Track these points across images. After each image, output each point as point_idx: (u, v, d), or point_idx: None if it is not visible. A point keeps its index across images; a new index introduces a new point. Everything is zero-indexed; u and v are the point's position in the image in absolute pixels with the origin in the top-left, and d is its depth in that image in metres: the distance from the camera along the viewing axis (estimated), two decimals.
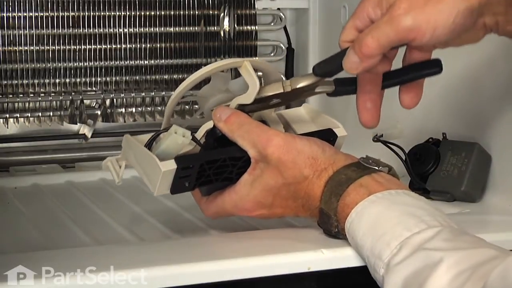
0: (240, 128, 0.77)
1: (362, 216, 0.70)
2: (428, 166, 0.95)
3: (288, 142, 0.76)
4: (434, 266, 0.61)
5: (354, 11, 0.77)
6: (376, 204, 0.71)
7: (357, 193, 0.72)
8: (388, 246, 0.66)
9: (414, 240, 0.65)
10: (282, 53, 1.33)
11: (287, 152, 0.76)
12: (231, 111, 0.79)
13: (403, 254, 0.65)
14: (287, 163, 0.75)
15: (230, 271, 0.69)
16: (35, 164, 1.19)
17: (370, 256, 0.68)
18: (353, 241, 0.71)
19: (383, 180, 0.74)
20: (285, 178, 0.76)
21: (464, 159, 0.93)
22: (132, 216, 0.93)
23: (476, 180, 0.93)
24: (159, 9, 1.23)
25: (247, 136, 0.77)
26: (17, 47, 1.18)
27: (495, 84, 0.94)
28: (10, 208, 0.96)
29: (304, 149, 0.76)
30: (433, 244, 0.64)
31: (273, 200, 0.77)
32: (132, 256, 0.73)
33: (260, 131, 0.77)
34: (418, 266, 0.63)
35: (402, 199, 0.71)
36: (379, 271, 0.66)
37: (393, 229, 0.67)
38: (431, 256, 0.63)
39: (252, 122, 0.78)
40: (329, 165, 0.75)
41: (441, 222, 0.68)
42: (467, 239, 0.66)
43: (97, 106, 1.24)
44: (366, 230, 0.69)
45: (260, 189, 0.77)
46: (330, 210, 0.73)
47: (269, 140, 0.76)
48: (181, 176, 0.77)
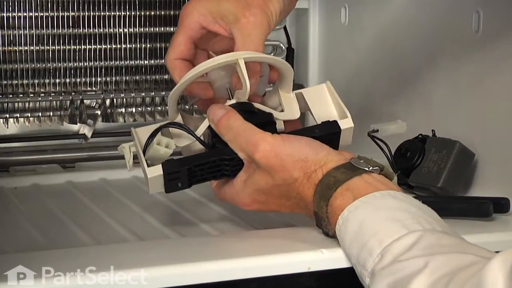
0: (228, 132, 0.78)
1: (347, 223, 0.71)
2: (411, 162, 0.97)
3: (275, 146, 0.76)
4: (413, 274, 0.62)
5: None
6: (360, 210, 0.70)
7: (343, 198, 0.72)
8: (370, 255, 0.67)
9: (394, 248, 0.65)
10: (282, 53, 1.33)
11: (275, 157, 0.76)
12: (222, 113, 0.79)
13: (384, 262, 0.65)
14: (275, 167, 0.76)
15: (230, 271, 0.69)
16: (35, 164, 1.19)
17: (357, 265, 0.69)
18: (343, 248, 0.71)
19: (372, 180, 0.74)
20: (275, 180, 0.76)
21: (444, 156, 0.95)
22: (132, 216, 0.93)
23: (456, 177, 0.95)
24: (159, 9, 1.23)
25: (235, 140, 0.78)
26: (17, 47, 1.18)
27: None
28: (10, 208, 0.96)
29: (293, 152, 0.76)
30: (412, 253, 0.64)
31: (266, 198, 0.78)
32: (132, 256, 0.73)
33: (248, 136, 0.77)
34: (398, 275, 0.63)
35: (386, 203, 0.71)
36: (365, 280, 0.67)
37: (375, 237, 0.67)
38: (410, 265, 0.63)
39: (241, 126, 0.78)
40: (319, 167, 0.75)
41: (424, 225, 0.67)
42: (447, 243, 0.65)
43: (97, 106, 1.24)
44: (352, 238, 0.70)
45: (253, 188, 0.78)
46: (322, 214, 0.74)
47: (256, 146, 0.76)
48: (170, 179, 0.78)
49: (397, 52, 1.12)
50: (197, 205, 0.95)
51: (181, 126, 0.82)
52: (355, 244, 0.69)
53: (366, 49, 1.19)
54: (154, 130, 0.81)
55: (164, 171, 0.78)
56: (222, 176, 0.80)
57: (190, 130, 0.81)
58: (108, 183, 1.08)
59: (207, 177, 0.80)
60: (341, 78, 1.23)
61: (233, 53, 0.79)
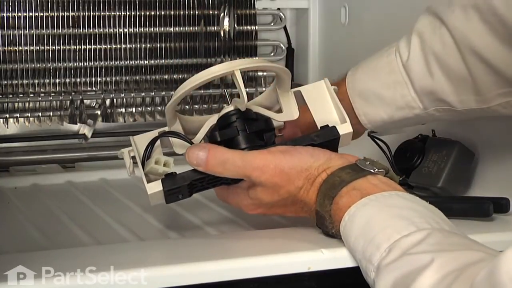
0: (224, 166, 0.76)
1: (354, 219, 0.70)
2: (411, 162, 0.97)
3: (278, 163, 0.76)
4: (422, 268, 0.61)
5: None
6: (368, 207, 0.71)
7: (349, 196, 0.72)
8: (378, 249, 0.66)
9: (403, 243, 0.65)
10: (282, 53, 1.34)
11: (280, 174, 0.76)
12: (204, 153, 0.76)
13: (392, 257, 0.65)
14: (280, 183, 0.76)
15: (230, 271, 0.69)
16: (35, 164, 1.19)
17: (362, 260, 0.68)
18: (347, 244, 0.71)
19: (378, 182, 0.74)
20: (280, 195, 0.77)
21: (444, 156, 0.96)
22: (132, 216, 0.93)
23: (456, 177, 0.95)
24: (159, 9, 1.23)
25: (235, 171, 0.76)
26: (17, 47, 1.18)
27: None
28: (10, 208, 0.96)
29: (294, 165, 0.76)
30: (421, 247, 0.64)
31: (271, 207, 0.79)
32: (132, 256, 0.73)
33: (246, 163, 0.76)
34: (406, 269, 0.63)
35: (394, 201, 0.71)
36: (370, 274, 0.67)
37: (383, 232, 0.67)
38: (419, 259, 0.63)
39: (232, 156, 0.76)
40: (323, 170, 0.75)
41: (432, 224, 0.67)
42: (456, 241, 0.66)
43: (97, 106, 1.24)
44: (358, 234, 0.69)
45: (257, 201, 0.78)
46: (324, 213, 0.74)
47: (261, 169, 0.76)
48: (170, 194, 0.78)
49: None
50: (197, 205, 0.95)
51: (179, 135, 0.80)
52: (361, 239, 0.69)
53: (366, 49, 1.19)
54: (151, 139, 0.80)
55: (164, 187, 0.77)
56: (222, 185, 0.80)
57: (188, 139, 0.80)
58: (108, 183, 1.08)
59: (208, 187, 0.80)
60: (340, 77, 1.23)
61: (229, 63, 0.77)
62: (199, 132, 0.81)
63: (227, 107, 0.80)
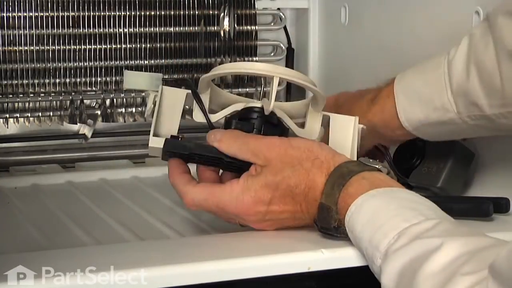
0: (236, 140, 0.79)
1: (361, 209, 0.71)
2: (411, 162, 0.97)
3: (284, 143, 0.78)
4: (432, 251, 0.62)
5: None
6: (376, 198, 0.71)
7: (359, 185, 0.73)
8: (386, 236, 0.67)
9: (413, 230, 0.66)
10: (282, 53, 1.33)
11: (289, 152, 0.77)
12: (222, 132, 0.80)
13: (401, 242, 0.65)
14: (289, 160, 0.77)
15: (230, 271, 0.69)
16: (35, 164, 1.19)
17: (368, 247, 0.68)
18: (352, 234, 0.71)
19: (384, 178, 0.75)
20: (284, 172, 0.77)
21: (444, 156, 0.96)
22: (132, 216, 0.93)
23: (455, 177, 0.95)
24: (159, 9, 1.23)
25: (245, 147, 0.78)
26: (17, 47, 1.18)
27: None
28: (10, 208, 0.96)
29: (299, 145, 0.78)
30: (432, 233, 0.65)
31: (271, 197, 0.77)
32: (132, 256, 0.73)
33: (257, 139, 0.79)
34: (416, 253, 0.63)
35: (402, 195, 0.72)
36: (377, 261, 0.66)
37: (391, 220, 0.68)
38: (429, 243, 0.63)
39: (246, 135, 0.79)
40: (329, 158, 0.76)
41: (440, 216, 0.68)
42: (466, 230, 0.66)
43: (97, 106, 1.24)
44: (365, 222, 0.70)
45: (259, 185, 0.77)
46: (331, 203, 0.74)
47: (268, 145, 0.77)
48: (168, 154, 0.81)
49: (397, 52, 1.12)
50: None
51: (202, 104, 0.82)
52: (368, 227, 0.69)
53: (366, 49, 1.19)
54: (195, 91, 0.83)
55: (164, 147, 0.80)
56: (219, 166, 0.81)
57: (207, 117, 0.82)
58: (108, 183, 1.08)
59: (203, 164, 0.82)
60: (340, 78, 1.23)
61: (274, 67, 0.80)
62: (221, 111, 0.83)
63: (256, 102, 0.82)
